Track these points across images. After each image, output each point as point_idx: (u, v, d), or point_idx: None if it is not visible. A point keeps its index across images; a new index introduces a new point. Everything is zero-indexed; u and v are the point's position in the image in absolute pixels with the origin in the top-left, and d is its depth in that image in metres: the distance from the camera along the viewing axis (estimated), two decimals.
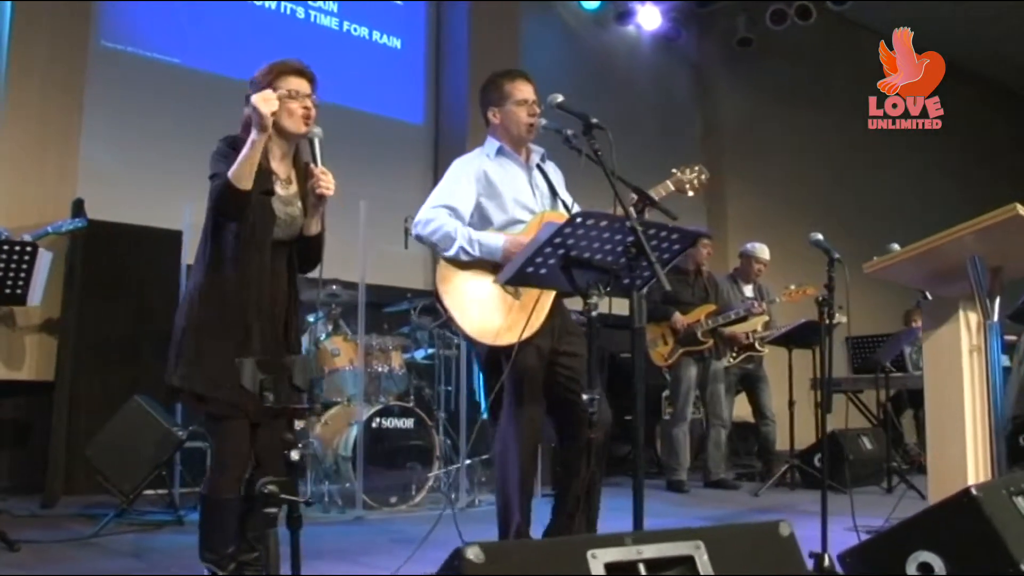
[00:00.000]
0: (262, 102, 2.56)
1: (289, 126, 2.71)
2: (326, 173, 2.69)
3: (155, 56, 6.44)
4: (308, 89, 2.74)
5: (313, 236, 2.79)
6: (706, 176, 3.25)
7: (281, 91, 2.67)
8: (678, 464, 6.12)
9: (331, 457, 5.04)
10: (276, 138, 2.74)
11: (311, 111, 2.73)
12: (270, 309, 2.70)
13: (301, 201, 2.79)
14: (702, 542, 1.69)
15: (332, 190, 2.70)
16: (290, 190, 2.78)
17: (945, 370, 3.24)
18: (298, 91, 2.71)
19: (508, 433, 3.09)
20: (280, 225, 2.72)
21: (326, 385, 5.33)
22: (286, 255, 2.76)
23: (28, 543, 3.76)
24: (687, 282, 6.29)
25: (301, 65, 2.76)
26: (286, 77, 2.71)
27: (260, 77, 2.72)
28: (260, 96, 2.58)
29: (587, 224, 2.41)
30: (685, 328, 6.06)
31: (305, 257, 2.80)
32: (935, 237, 3.08)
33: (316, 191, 2.69)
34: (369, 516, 4.75)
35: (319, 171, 2.69)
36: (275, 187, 2.72)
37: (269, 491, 1.81)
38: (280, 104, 2.65)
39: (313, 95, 2.75)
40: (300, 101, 2.70)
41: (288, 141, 2.79)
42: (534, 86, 3.32)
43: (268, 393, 2.08)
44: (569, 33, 8.89)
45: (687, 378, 6.12)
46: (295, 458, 2.01)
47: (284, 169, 2.79)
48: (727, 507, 5.37)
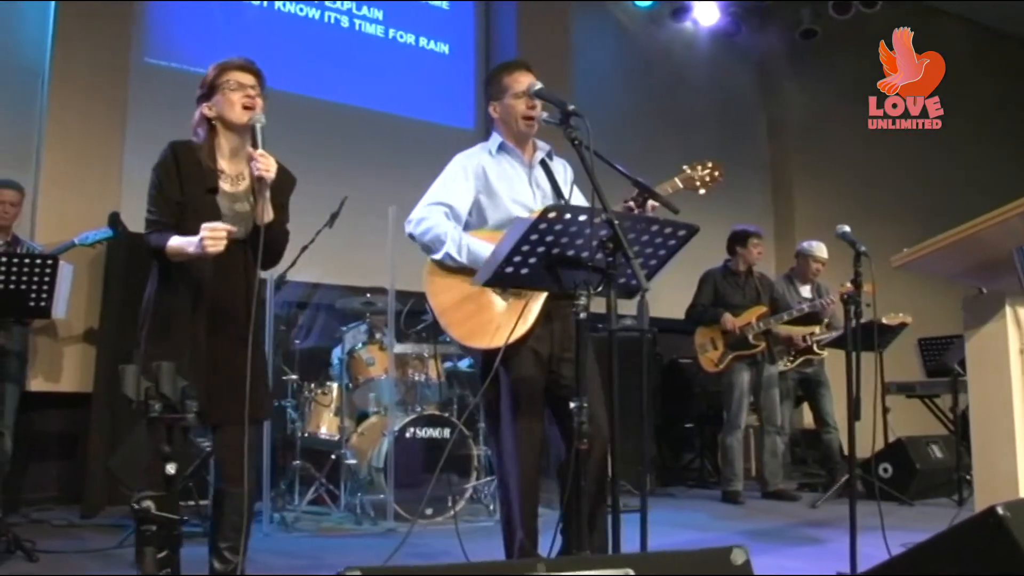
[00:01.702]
0: (210, 241, 2.51)
1: (231, 116, 2.71)
2: (265, 156, 2.66)
3: (198, 71, 6.46)
4: (251, 82, 2.74)
5: (269, 227, 2.70)
6: (720, 172, 3.02)
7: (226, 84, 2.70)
8: (733, 474, 5.84)
9: (365, 468, 4.95)
10: (223, 132, 2.76)
11: (253, 100, 2.71)
12: (224, 310, 2.65)
13: (254, 196, 2.72)
14: (631, 570, 1.49)
15: (271, 171, 2.66)
16: (240, 186, 2.75)
17: (991, 373, 2.95)
18: (241, 83, 2.71)
19: (507, 445, 2.92)
20: (227, 223, 2.65)
21: (361, 395, 5.26)
22: (241, 254, 2.70)
23: (50, 553, 3.79)
24: (737, 283, 6.02)
25: (246, 62, 2.78)
26: (230, 72, 2.73)
27: (206, 79, 2.76)
28: (211, 234, 2.52)
29: (564, 219, 2.24)
30: (735, 331, 5.79)
31: (265, 250, 2.70)
32: (975, 222, 2.80)
33: (255, 174, 2.66)
34: (401, 528, 4.62)
35: (257, 154, 2.66)
36: (220, 184, 2.71)
37: (143, 507, 1.69)
38: (222, 97, 2.69)
39: (258, 88, 2.74)
40: (242, 91, 2.70)
41: (236, 134, 2.76)
42: (536, 78, 3.14)
43: (190, 401, 1.96)
44: (622, 32, 8.66)
45: (739, 384, 5.84)
46: (171, 472, 1.89)
47: (234, 166, 2.78)
48: (778, 520, 5.08)
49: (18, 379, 4.70)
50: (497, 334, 2.77)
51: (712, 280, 6.08)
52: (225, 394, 2.59)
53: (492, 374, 2.79)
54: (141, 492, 1.85)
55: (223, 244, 2.54)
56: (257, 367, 2.69)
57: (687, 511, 5.53)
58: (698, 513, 5.41)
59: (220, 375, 2.61)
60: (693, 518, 5.20)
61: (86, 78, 5.63)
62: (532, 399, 2.91)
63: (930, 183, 9.83)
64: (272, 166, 2.66)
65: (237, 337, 2.64)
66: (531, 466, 2.93)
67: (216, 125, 2.74)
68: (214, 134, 2.75)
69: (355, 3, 7.35)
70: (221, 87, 2.70)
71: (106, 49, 5.75)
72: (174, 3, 6.42)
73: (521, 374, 2.88)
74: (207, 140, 2.74)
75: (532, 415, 2.91)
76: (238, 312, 2.68)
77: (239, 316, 2.68)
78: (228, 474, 2.65)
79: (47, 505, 5.14)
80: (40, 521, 4.72)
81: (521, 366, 2.88)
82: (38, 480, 5.26)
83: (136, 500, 1.78)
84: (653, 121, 8.53)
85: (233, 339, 2.64)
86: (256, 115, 2.69)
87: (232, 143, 2.76)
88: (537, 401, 2.93)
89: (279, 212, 2.77)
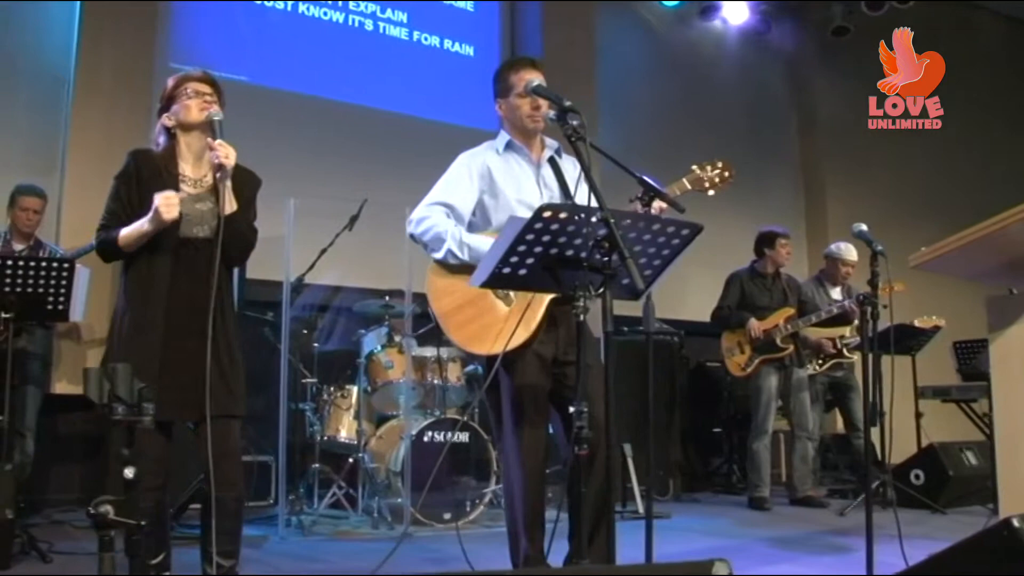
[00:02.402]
0: (164, 208, 2.61)
1: (188, 118, 2.77)
2: (223, 144, 2.72)
3: (221, 74, 6.48)
4: (208, 90, 2.82)
5: (232, 219, 2.74)
6: (730, 173, 2.93)
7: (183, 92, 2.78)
8: (759, 480, 5.73)
9: (383, 472, 4.92)
10: (183, 137, 2.81)
11: (210, 104, 2.78)
12: (190, 309, 2.67)
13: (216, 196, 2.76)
14: None
15: (230, 159, 2.72)
16: (204, 186, 2.79)
17: (1016, 376, 2.83)
18: (198, 91, 2.79)
19: (510, 452, 2.87)
20: (191, 222, 2.72)
21: (380, 398, 5.23)
22: (209, 253, 2.71)
23: (64, 554, 3.81)
24: (764, 285, 5.91)
25: (204, 74, 2.88)
26: (188, 83, 2.80)
27: (165, 92, 2.83)
28: (164, 200, 2.61)
29: (560, 218, 2.18)
30: (762, 334, 5.68)
31: (229, 243, 2.73)
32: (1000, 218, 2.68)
33: (214, 162, 2.72)
34: (418, 533, 4.58)
35: (216, 143, 2.72)
36: (182, 187, 2.75)
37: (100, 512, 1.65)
38: (180, 104, 2.77)
39: (215, 96, 2.82)
40: (199, 97, 2.77)
41: (196, 136, 2.81)
42: (542, 75, 3.08)
43: (147, 404, 1.94)
44: (649, 31, 8.56)
45: (767, 388, 5.72)
46: (128, 476, 1.86)
47: (197, 170, 2.84)
48: (804, 527, 4.96)
49: (41, 382, 4.74)
50: (498, 339, 2.72)
51: (739, 282, 5.98)
52: (192, 393, 2.60)
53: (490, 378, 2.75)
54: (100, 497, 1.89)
55: (176, 210, 2.62)
56: (223, 364, 2.71)
57: (711, 517, 5.43)
58: (722, 519, 5.31)
59: (188, 374, 2.63)
60: (716, 524, 5.10)
61: (110, 83, 5.67)
62: (536, 404, 2.84)
63: (967, 181, 9.58)
64: (231, 153, 2.71)
65: (204, 335, 2.65)
66: (535, 472, 2.86)
67: (176, 132, 2.80)
68: (175, 142, 2.81)
69: (379, 6, 7.34)
70: (179, 96, 2.78)
71: (130, 54, 5.78)
72: (198, 7, 6.46)
73: (524, 379, 2.82)
74: (168, 147, 2.79)
75: (536, 421, 2.85)
76: (204, 310, 2.69)
77: (200, 315, 2.68)
78: (210, 477, 2.63)
79: (70, 507, 5.17)
80: (61, 523, 4.76)
81: (524, 371, 2.82)
82: (62, 482, 5.30)
83: (93, 505, 1.74)
84: (681, 121, 8.43)
85: (200, 337, 2.65)
86: (212, 110, 2.76)
87: (193, 147, 2.82)
88: (541, 406, 2.87)
89: (245, 208, 2.80)
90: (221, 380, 2.70)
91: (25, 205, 4.59)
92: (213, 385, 2.63)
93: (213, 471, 2.63)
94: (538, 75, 3.04)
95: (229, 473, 2.69)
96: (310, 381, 5.25)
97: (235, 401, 2.75)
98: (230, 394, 2.73)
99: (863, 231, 3.13)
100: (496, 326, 2.76)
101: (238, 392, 2.77)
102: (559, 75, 7.79)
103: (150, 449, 2.63)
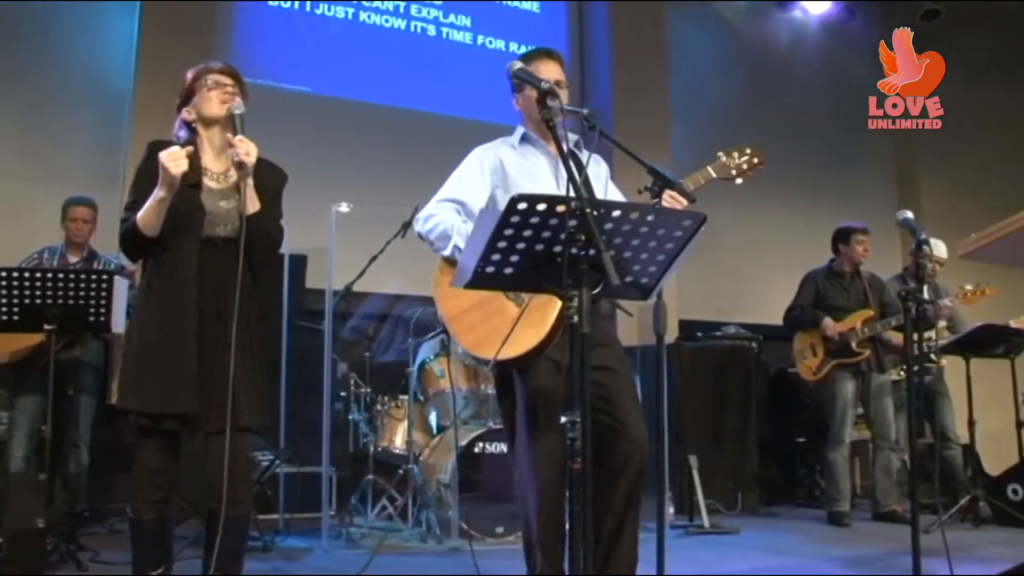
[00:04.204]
0: (171, 162, 2.47)
1: (209, 112, 2.68)
2: (244, 140, 2.59)
3: (283, 86, 6.56)
4: (229, 81, 2.70)
5: (255, 218, 2.62)
6: (761, 159, 2.69)
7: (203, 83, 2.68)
8: (838, 493, 5.36)
9: (434, 483, 4.80)
10: (205, 131, 2.71)
11: (231, 95, 2.67)
12: (215, 313, 2.56)
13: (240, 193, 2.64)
14: None
15: (251, 156, 2.58)
16: (226, 183, 2.68)
17: None
18: (218, 81, 2.68)
19: (524, 462, 2.69)
20: (214, 220, 2.61)
21: (432, 408, 5.12)
22: (232, 254, 2.59)
23: (103, 563, 3.82)
24: (842, 285, 5.54)
25: (224, 65, 2.75)
26: (208, 74, 2.71)
27: (184, 85, 2.74)
28: (169, 155, 2.49)
29: (539, 210, 1.99)
30: (837, 336, 5.31)
31: (252, 242, 2.60)
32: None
33: (235, 159, 2.59)
34: (467, 547, 4.43)
35: (236, 140, 2.58)
36: (205, 181, 2.64)
37: None
38: (200, 96, 2.67)
39: (236, 87, 2.70)
40: (220, 88, 2.66)
41: (218, 130, 2.70)
42: (561, 65, 2.91)
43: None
44: (722, 25, 8.25)
45: (842, 395, 5.35)
46: None
47: (220, 164, 2.72)
48: (883, 545, 4.60)
49: (95, 392, 4.79)
50: (510, 344, 2.55)
51: (813, 281, 5.63)
52: (210, 401, 2.52)
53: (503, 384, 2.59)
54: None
55: (185, 163, 2.49)
56: (245, 372, 2.59)
57: (784, 533, 5.10)
58: (794, 536, 4.97)
59: (208, 381, 2.53)
60: (786, 541, 4.78)
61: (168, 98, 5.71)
62: (551, 412, 2.65)
63: None
64: (252, 150, 2.58)
65: (225, 342, 2.54)
66: (550, 483, 2.67)
67: (197, 127, 2.71)
68: (197, 135, 2.71)
69: (442, 11, 7.29)
70: (199, 88, 2.68)
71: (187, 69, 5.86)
72: (259, 20, 6.53)
73: (538, 385, 2.64)
74: (188, 141, 2.68)
75: (551, 429, 2.66)
76: (227, 315, 2.58)
77: (228, 319, 2.57)
78: (219, 492, 2.50)
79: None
80: (119, 531, 4.79)
81: (538, 377, 2.64)
82: (123, 491, 5.36)
83: None
84: (760, 117, 8.08)
85: (221, 344, 2.55)
86: (234, 104, 2.65)
87: (215, 141, 2.71)
88: (556, 414, 2.68)
89: (269, 205, 2.69)
90: (244, 391, 2.58)
91: (74, 215, 4.66)
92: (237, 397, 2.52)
93: (217, 487, 2.51)
94: (553, 65, 2.88)
95: (239, 490, 2.55)
96: (363, 391, 5.18)
97: (250, 413, 2.61)
98: (251, 406, 2.61)
99: (908, 218, 2.85)
100: (505, 329, 2.59)
101: (255, 403, 2.64)
102: (629, 75, 7.65)
103: (150, 461, 2.58)
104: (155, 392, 2.50)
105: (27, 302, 3.76)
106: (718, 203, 7.78)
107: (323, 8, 6.80)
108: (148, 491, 2.59)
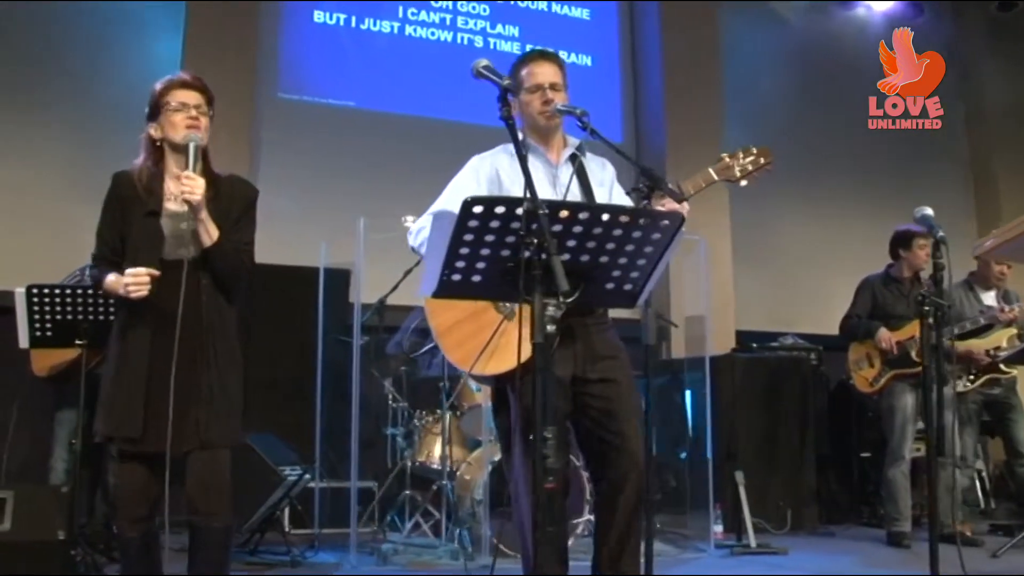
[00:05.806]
0: (134, 287, 2.51)
1: (172, 136, 2.65)
2: (191, 177, 2.54)
3: (329, 101, 6.60)
4: (196, 100, 2.66)
5: (215, 247, 2.60)
6: (768, 160, 2.53)
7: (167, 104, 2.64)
8: (898, 512, 5.04)
9: (468, 500, 4.70)
10: (170, 153, 2.69)
11: (196, 120, 2.63)
12: (174, 338, 2.52)
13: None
14: None
15: (196, 194, 2.54)
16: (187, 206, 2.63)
17: None
18: (184, 103, 2.64)
19: (520, 481, 2.58)
20: (176, 244, 2.61)
21: (468, 423, 5.03)
22: (196, 275, 2.59)
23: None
24: (900, 291, 5.23)
25: (191, 79, 2.72)
26: (174, 91, 2.66)
27: (152, 97, 2.69)
28: (134, 279, 2.51)
29: (497, 213, 1.89)
30: (894, 347, 5.03)
31: (215, 272, 2.63)
32: None
33: (180, 197, 2.56)
34: (500, 565, 4.32)
35: (183, 175, 2.55)
36: (166, 205, 2.64)
37: None
38: (165, 118, 2.63)
39: (203, 106, 2.67)
40: (185, 112, 2.62)
41: (182, 154, 2.65)
42: (558, 67, 2.82)
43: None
44: (779, 24, 7.99)
45: (901, 408, 5.04)
46: None
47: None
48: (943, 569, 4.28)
49: None
50: (494, 359, 2.45)
51: (870, 288, 5.34)
52: (177, 424, 2.51)
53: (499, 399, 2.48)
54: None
55: (146, 289, 2.50)
56: (214, 391, 2.60)
57: (837, 554, 4.83)
58: (848, 557, 4.70)
59: (177, 402, 2.52)
60: (836, 563, 4.52)
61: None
62: None
63: None
64: (198, 187, 2.54)
65: (193, 362, 2.57)
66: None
67: (163, 146, 2.69)
68: (162, 155, 2.70)
69: (489, 21, 7.23)
70: (163, 107, 2.65)
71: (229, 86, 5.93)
72: (304, 37, 6.58)
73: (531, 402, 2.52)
74: (152, 162, 2.69)
75: None
76: (194, 335, 2.58)
77: (194, 340, 2.58)
78: (195, 507, 2.61)
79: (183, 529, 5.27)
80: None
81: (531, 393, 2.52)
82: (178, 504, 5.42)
83: None
84: (820, 117, 7.80)
85: (189, 364, 2.56)
86: (192, 135, 2.61)
87: (180, 163, 2.67)
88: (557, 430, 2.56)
89: (232, 229, 2.66)
90: (209, 409, 2.59)
91: None
92: (200, 415, 2.56)
93: (198, 502, 2.60)
94: (549, 67, 2.80)
95: (214, 504, 2.60)
96: (401, 405, 5.13)
97: (223, 431, 2.63)
98: (218, 424, 2.61)
99: (926, 215, 2.63)
100: (493, 344, 2.50)
101: (228, 422, 2.64)
102: (683, 78, 7.47)
103: (125, 482, 2.63)
104: (110, 417, 2.58)
105: (59, 318, 3.82)
106: (777, 208, 7.61)
107: (368, 23, 6.82)
108: (127, 511, 2.65)
